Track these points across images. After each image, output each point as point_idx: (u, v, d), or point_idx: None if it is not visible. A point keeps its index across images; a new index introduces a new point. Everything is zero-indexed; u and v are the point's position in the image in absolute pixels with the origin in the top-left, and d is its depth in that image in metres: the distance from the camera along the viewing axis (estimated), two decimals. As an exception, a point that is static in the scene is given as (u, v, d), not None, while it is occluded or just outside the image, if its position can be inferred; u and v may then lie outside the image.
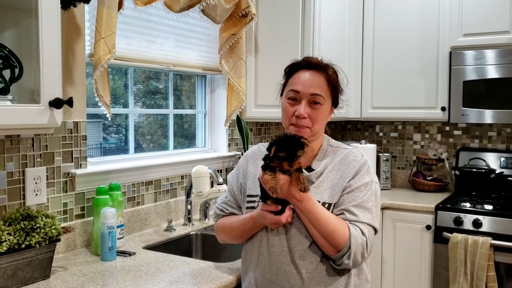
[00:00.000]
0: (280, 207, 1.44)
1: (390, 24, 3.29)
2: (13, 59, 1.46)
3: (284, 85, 1.61)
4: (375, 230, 1.49)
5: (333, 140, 1.65)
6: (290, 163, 1.38)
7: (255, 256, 1.56)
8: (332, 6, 3.01)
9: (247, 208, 1.60)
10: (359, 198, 1.48)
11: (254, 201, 1.57)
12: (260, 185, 1.46)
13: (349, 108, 3.21)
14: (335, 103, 1.60)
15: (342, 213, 1.47)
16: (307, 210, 1.43)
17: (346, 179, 1.51)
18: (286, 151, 1.37)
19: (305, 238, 1.47)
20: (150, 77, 2.61)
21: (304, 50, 2.79)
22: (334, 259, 1.45)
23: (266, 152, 1.43)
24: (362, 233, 1.43)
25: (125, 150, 2.43)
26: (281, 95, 1.63)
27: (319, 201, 1.47)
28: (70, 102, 1.48)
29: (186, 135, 2.83)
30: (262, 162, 1.44)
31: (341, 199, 1.49)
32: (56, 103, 1.45)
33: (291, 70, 1.59)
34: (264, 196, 1.46)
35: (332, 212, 1.48)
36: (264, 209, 1.46)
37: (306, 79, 1.53)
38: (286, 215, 1.45)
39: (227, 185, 1.73)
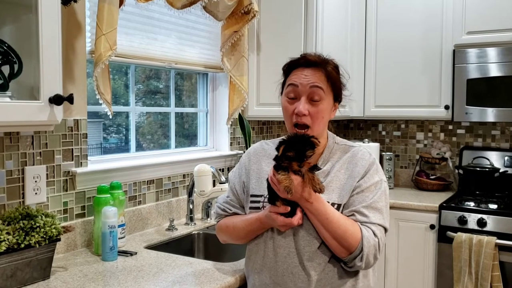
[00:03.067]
0: (289, 209, 1.40)
1: (393, 23, 3.27)
2: (13, 54, 1.43)
3: (284, 83, 1.57)
4: (386, 230, 1.46)
5: (338, 137, 1.61)
6: (299, 163, 1.35)
7: (260, 258, 1.53)
8: (334, 3, 2.99)
9: (250, 208, 1.56)
10: (369, 198, 1.44)
11: (259, 201, 1.53)
12: (269, 186, 1.42)
13: (352, 107, 3.18)
14: (338, 99, 1.54)
15: (353, 215, 1.44)
16: (318, 211, 1.39)
17: (355, 178, 1.47)
18: (294, 151, 1.34)
19: (314, 239, 1.43)
20: (150, 77, 2.59)
21: (306, 47, 2.77)
22: (345, 261, 1.41)
23: (270, 151, 1.40)
24: (374, 234, 1.40)
25: (125, 150, 2.40)
26: (282, 93, 1.58)
27: (328, 202, 1.43)
28: (70, 99, 1.45)
29: (187, 135, 2.80)
30: (266, 161, 1.41)
31: (351, 200, 1.45)
32: (56, 100, 1.42)
33: (289, 68, 1.54)
34: (273, 197, 1.42)
35: (341, 213, 1.45)
36: (273, 211, 1.41)
37: (304, 75, 1.47)
38: (298, 218, 1.40)
39: (229, 184, 1.68)
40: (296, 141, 1.37)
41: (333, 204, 1.44)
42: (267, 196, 1.46)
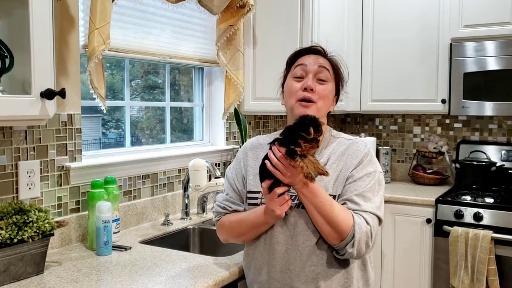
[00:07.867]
0: (270, 182, 1.38)
1: (390, 17, 3.25)
2: (4, 49, 1.43)
3: (287, 74, 1.59)
4: (379, 220, 1.45)
5: (334, 131, 1.61)
6: (318, 144, 1.34)
7: (259, 254, 1.53)
8: (331, -3, 2.98)
9: (249, 204, 1.56)
10: (362, 187, 1.44)
11: (257, 198, 1.53)
12: (262, 170, 1.39)
13: (349, 101, 3.17)
14: (338, 92, 1.59)
15: (345, 203, 1.44)
16: (313, 193, 1.38)
17: (349, 169, 1.47)
18: (318, 133, 1.32)
19: (312, 234, 1.44)
20: (148, 72, 2.58)
21: (302, 41, 2.75)
22: (337, 248, 1.41)
23: (266, 145, 1.39)
24: (366, 222, 1.40)
25: (123, 145, 2.39)
26: (282, 85, 1.60)
27: None
28: (62, 94, 1.45)
29: (184, 129, 2.79)
30: (263, 156, 1.40)
31: (344, 189, 1.46)
32: (48, 94, 1.41)
33: (295, 56, 1.59)
34: (265, 179, 1.39)
35: None
36: (265, 186, 1.38)
37: (312, 57, 1.55)
38: (277, 193, 1.37)
39: (227, 181, 1.65)
40: (311, 123, 1.34)
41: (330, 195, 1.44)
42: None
